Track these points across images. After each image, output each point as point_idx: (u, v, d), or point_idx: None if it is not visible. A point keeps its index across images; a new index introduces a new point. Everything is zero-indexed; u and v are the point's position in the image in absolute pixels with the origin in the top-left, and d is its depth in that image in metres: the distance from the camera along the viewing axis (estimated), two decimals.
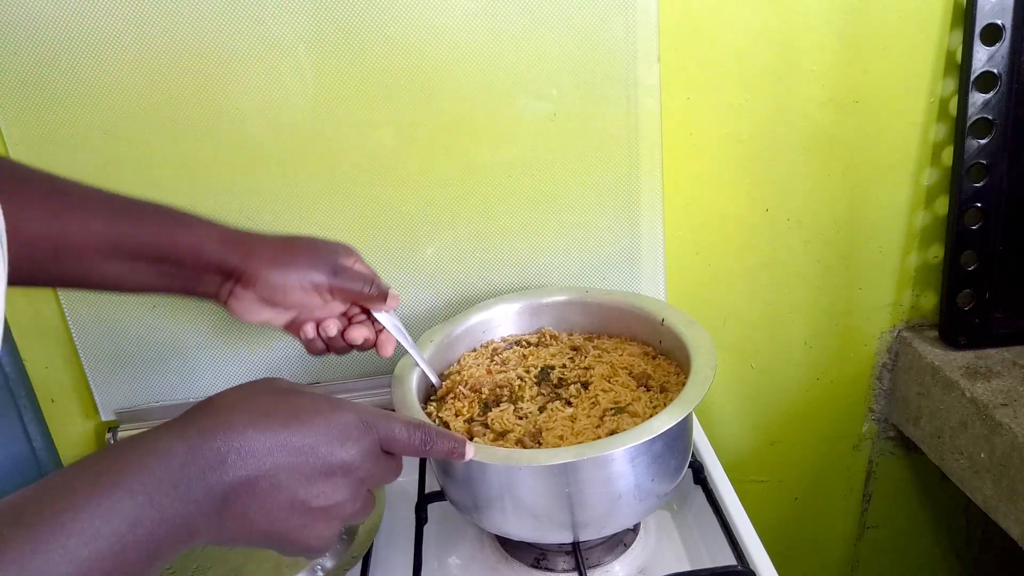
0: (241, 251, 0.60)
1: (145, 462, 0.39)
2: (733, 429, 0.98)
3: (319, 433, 0.44)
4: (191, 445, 0.40)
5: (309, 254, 0.62)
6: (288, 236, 0.63)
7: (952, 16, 0.79)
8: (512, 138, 0.78)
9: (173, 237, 0.59)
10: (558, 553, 0.66)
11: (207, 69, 0.72)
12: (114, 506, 0.37)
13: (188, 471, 0.40)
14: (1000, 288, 0.86)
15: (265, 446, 0.42)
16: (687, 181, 0.83)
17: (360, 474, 0.46)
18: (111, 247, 0.57)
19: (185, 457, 0.40)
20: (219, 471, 0.41)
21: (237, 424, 0.42)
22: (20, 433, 0.84)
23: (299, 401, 0.45)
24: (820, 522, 1.07)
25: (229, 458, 0.41)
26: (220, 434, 0.41)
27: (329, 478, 0.44)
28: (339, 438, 0.45)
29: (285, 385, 0.48)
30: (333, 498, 0.45)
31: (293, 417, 0.44)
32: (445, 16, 0.73)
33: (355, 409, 0.47)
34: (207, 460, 0.40)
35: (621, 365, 0.70)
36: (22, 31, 0.70)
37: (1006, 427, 0.75)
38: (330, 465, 0.44)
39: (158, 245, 0.59)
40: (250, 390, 0.46)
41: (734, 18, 0.77)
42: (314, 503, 0.44)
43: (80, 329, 0.81)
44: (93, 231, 0.57)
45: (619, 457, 0.56)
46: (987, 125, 0.80)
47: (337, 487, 0.45)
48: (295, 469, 0.43)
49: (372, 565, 0.67)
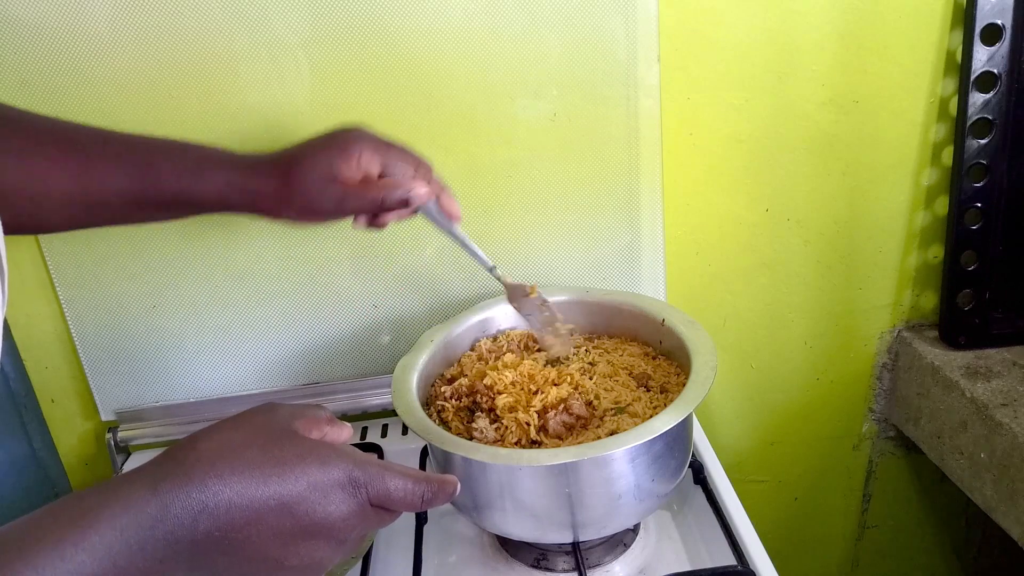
0: (266, 187, 0.59)
1: (112, 519, 0.37)
2: (733, 429, 0.98)
3: (298, 491, 0.41)
4: (163, 502, 0.39)
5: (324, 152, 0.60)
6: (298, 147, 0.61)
7: (952, 16, 0.79)
8: (512, 138, 0.78)
9: (196, 186, 0.59)
10: (558, 553, 0.66)
11: (207, 68, 0.72)
12: (73, 569, 0.36)
13: (157, 530, 0.38)
14: (1000, 288, 0.86)
15: (239, 504, 0.40)
16: (687, 181, 0.83)
17: (340, 536, 0.43)
18: (138, 202, 0.59)
19: (155, 515, 0.38)
20: (189, 529, 0.39)
21: (212, 480, 0.40)
22: (20, 433, 0.84)
23: (285, 453, 0.42)
24: (820, 522, 1.07)
25: (200, 517, 0.39)
26: (194, 490, 0.39)
27: (307, 539, 0.42)
28: (321, 499, 0.42)
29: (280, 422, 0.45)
30: (309, 558, 0.42)
31: (276, 473, 0.41)
32: (445, 16, 0.73)
33: (344, 464, 0.43)
34: (178, 519, 0.39)
35: (621, 365, 0.70)
36: (23, 31, 0.70)
37: (1006, 427, 0.75)
38: (307, 527, 0.42)
39: (179, 195, 0.59)
40: (237, 431, 0.43)
41: (734, 18, 0.77)
42: (288, 562, 0.42)
43: (80, 329, 0.81)
44: (117, 190, 0.58)
45: (619, 457, 0.56)
46: (987, 125, 0.80)
47: (315, 548, 0.42)
48: (269, 528, 0.41)
49: (372, 565, 0.67)
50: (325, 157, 0.59)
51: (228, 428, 0.43)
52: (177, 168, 0.59)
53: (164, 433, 0.85)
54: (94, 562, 0.36)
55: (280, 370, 0.85)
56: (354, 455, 0.44)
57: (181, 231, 0.78)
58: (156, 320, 0.81)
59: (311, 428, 0.46)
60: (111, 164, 0.59)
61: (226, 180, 0.59)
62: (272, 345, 0.83)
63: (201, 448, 0.41)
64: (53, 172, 0.57)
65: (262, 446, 0.42)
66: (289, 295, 0.81)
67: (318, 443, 0.44)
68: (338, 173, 0.59)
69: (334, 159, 0.59)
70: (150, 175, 0.59)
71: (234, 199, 0.60)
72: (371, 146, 0.60)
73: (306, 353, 0.84)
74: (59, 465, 0.89)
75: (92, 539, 0.36)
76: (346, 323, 0.83)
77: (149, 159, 0.59)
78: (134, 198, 0.59)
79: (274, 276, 0.80)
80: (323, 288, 0.81)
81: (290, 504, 0.41)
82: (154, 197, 0.59)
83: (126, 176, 0.58)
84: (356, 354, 0.85)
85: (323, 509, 0.42)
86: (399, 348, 0.83)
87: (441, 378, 0.71)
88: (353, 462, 0.44)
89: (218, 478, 0.40)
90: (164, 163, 0.59)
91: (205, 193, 0.59)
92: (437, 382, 0.71)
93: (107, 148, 0.59)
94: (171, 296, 0.80)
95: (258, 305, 0.81)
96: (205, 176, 0.59)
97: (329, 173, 0.59)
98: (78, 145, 0.58)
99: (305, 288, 0.81)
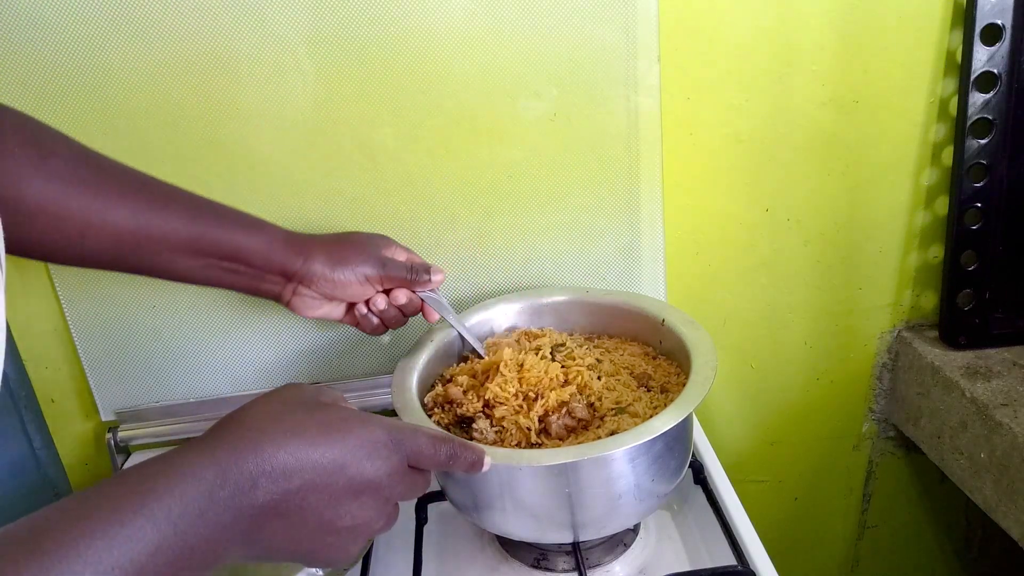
0: (303, 254, 0.66)
1: (172, 487, 0.38)
2: (733, 429, 0.98)
3: (347, 452, 0.43)
4: (222, 468, 0.39)
5: (358, 250, 0.68)
6: (338, 235, 0.71)
7: (952, 16, 0.79)
8: (512, 138, 0.78)
9: (244, 239, 0.64)
10: (558, 553, 0.66)
11: (208, 68, 0.72)
12: (134, 534, 0.36)
13: (216, 496, 0.39)
14: (1000, 288, 0.86)
15: (294, 467, 0.41)
16: (687, 181, 0.83)
17: (387, 493, 0.46)
18: (188, 245, 0.62)
19: (214, 481, 0.39)
20: (249, 495, 0.40)
21: (267, 444, 0.41)
22: (20, 433, 0.84)
23: (328, 416, 0.44)
24: (820, 522, 1.07)
25: (260, 481, 0.40)
26: (250, 455, 0.40)
27: (356, 498, 0.44)
28: (368, 456, 0.44)
29: (310, 394, 0.47)
30: (360, 518, 0.44)
31: (322, 435, 0.43)
32: (446, 16, 0.73)
33: (384, 425, 0.46)
34: (237, 484, 0.40)
35: (622, 365, 0.70)
36: (23, 32, 0.70)
37: (1006, 427, 0.75)
38: (358, 485, 0.44)
39: (230, 244, 0.63)
40: (278, 403, 0.45)
41: (734, 18, 0.77)
42: (340, 523, 0.44)
43: (80, 329, 0.81)
44: (173, 229, 0.61)
45: (619, 457, 0.56)
46: (987, 125, 0.80)
47: (364, 506, 0.44)
48: (323, 490, 0.42)
49: (372, 565, 0.67)
50: (368, 258, 0.67)
51: (267, 402, 0.45)
52: (232, 217, 0.65)
53: (164, 433, 0.85)
54: (154, 528, 0.36)
55: (280, 370, 0.85)
56: (386, 419, 0.47)
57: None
58: (156, 320, 0.81)
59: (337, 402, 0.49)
60: (172, 204, 0.62)
61: (272, 234, 0.65)
62: (272, 345, 0.83)
63: (249, 420, 0.43)
64: (113, 207, 0.59)
65: (305, 413, 0.44)
66: None
67: (353, 409, 0.47)
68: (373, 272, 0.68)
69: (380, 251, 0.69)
70: (210, 222, 0.63)
71: (276, 252, 0.65)
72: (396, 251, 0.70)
73: (306, 353, 0.84)
74: (59, 465, 0.89)
75: (151, 506, 0.37)
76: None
77: (205, 208, 0.64)
78: (189, 242, 0.62)
79: None
80: None
81: (341, 463, 0.43)
82: (208, 245, 0.62)
83: (187, 219, 0.62)
84: (356, 354, 0.85)
85: (371, 466, 0.44)
86: (399, 348, 0.83)
87: (440, 378, 0.71)
88: (389, 422, 0.47)
89: (272, 443, 0.41)
90: (220, 211, 0.64)
91: (252, 246, 0.64)
92: (437, 382, 0.71)
93: (168, 191, 0.63)
94: (171, 296, 0.80)
95: (258, 305, 0.81)
96: (256, 224, 0.65)
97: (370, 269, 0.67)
98: (141, 184, 0.61)
99: None
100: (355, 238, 0.70)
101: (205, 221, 0.63)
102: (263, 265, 0.65)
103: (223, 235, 0.63)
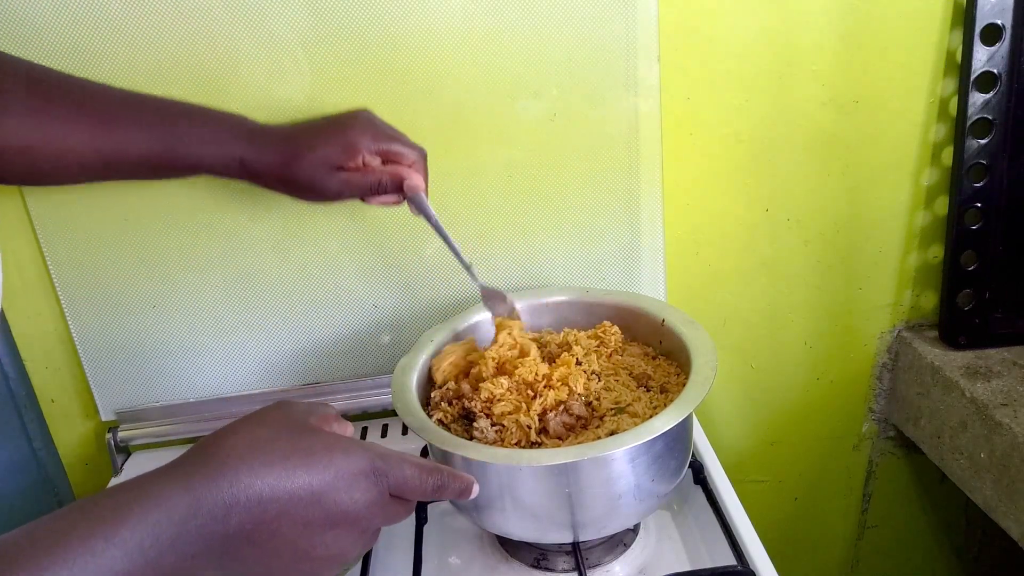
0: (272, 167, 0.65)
1: (146, 515, 0.38)
2: (733, 429, 0.98)
3: (326, 483, 0.43)
4: (195, 497, 0.39)
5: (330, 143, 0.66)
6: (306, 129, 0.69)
7: (952, 16, 0.79)
8: (512, 138, 0.78)
9: (211, 156, 0.64)
10: (558, 553, 0.66)
11: (207, 68, 0.72)
12: (105, 564, 0.36)
13: (188, 525, 0.39)
14: (1000, 288, 0.86)
15: (270, 496, 0.41)
16: (687, 181, 0.83)
17: (364, 524, 0.45)
18: (154, 163, 0.63)
19: (187, 512, 0.39)
20: (222, 523, 0.40)
21: (244, 474, 0.41)
22: (20, 433, 0.84)
23: (311, 444, 0.44)
24: (820, 522, 1.07)
25: (233, 510, 0.40)
26: (225, 484, 0.40)
27: (332, 528, 0.43)
28: (346, 488, 0.43)
29: (298, 416, 0.46)
30: (334, 548, 0.44)
31: (302, 465, 0.42)
32: (445, 16, 0.73)
33: (367, 453, 0.45)
34: (211, 513, 0.39)
35: (621, 365, 0.69)
36: (22, 32, 0.70)
37: (1006, 427, 0.75)
38: (334, 516, 0.43)
39: (197, 162, 0.65)
40: (263, 427, 0.44)
41: (734, 18, 0.77)
42: (314, 552, 0.43)
43: (80, 329, 0.81)
44: (136, 150, 0.63)
45: (619, 457, 0.56)
46: (987, 125, 0.80)
47: (339, 537, 0.44)
48: (298, 520, 0.42)
49: (372, 565, 0.67)
50: (331, 148, 0.65)
51: (251, 424, 0.44)
52: (196, 136, 0.64)
53: (164, 433, 0.85)
54: (126, 557, 0.36)
55: (280, 370, 0.85)
56: (373, 446, 0.46)
57: (182, 231, 0.78)
58: (156, 320, 0.81)
59: (325, 423, 0.48)
60: (131, 127, 0.62)
61: (240, 154, 0.65)
62: (272, 345, 0.83)
63: (229, 444, 0.42)
64: (71, 134, 0.60)
65: (288, 439, 0.43)
66: (289, 295, 0.81)
67: (338, 435, 0.46)
68: (342, 165, 0.65)
69: (339, 152, 0.65)
70: (169, 140, 0.63)
71: (242, 172, 0.65)
72: (372, 137, 0.66)
73: (306, 353, 0.84)
74: (59, 465, 0.89)
75: (123, 534, 0.37)
76: (346, 323, 0.83)
77: (170, 123, 0.64)
78: (152, 161, 0.63)
79: (274, 276, 0.80)
80: (323, 288, 0.81)
81: (318, 494, 0.42)
82: (170, 162, 0.64)
83: (145, 141, 0.63)
84: (356, 354, 0.85)
85: (349, 497, 0.43)
86: (399, 348, 0.83)
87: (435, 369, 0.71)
88: (374, 452, 0.45)
89: (249, 471, 0.41)
90: (185, 129, 0.64)
91: (217, 162, 0.65)
92: None
93: (126, 110, 0.63)
94: (171, 296, 0.80)
95: (258, 305, 0.81)
96: (222, 147, 0.65)
97: (333, 163, 0.65)
98: (96, 106, 0.62)
99: (305, 288, 0.81)
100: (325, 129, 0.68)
101: (169, 139, 0.63)
102: (228, 176, 0.66)
103: (188, 153, 0.64)
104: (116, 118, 0.62)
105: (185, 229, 0.78)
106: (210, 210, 0.77)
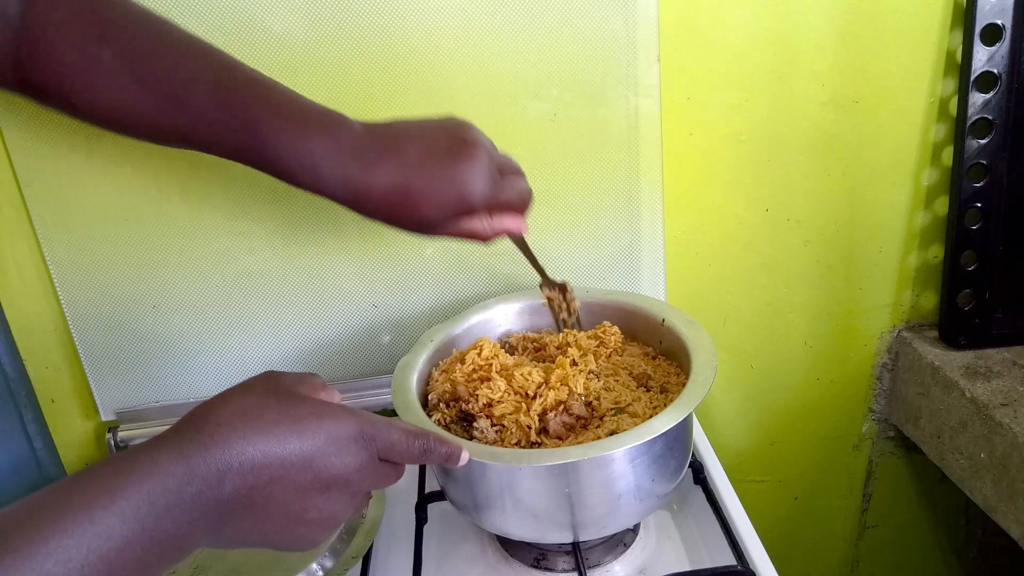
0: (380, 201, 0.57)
1: (141, 484, 0.38)
2: (733, 429, 0.98)
3: (316, 447, 0.44)
4: (189, 465, 0.40)
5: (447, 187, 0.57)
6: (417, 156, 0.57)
7: (952, 16, 0.79)
8: (512, 138, 0.78)
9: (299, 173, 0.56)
10: (558, 553, 0.66)
11: None
12: (103, 532, 0.36)
13: (184, 492, 0.39)
14: (1000, 288, 0.86)
15: (262, 463, 0.42)
16: (687, 181, 0.83)
17: (355, 487, 0.46)
18: (231, 155, 0.56)
19: (183, 478, 0.40)
20: (216, 490, 0.41)
21: (236, 441, 0.42)
22: (20, 433, 0.84)
23: (300, 410, 0.45)
24: (820, 522, 1.07)
25: (227, 477, 0.41)
26: (218, 451, 0.41)
27: (323, 492, 0.44)
28: (336, 452, 0.44)
29: (286, 385, 0.47)
30: (327, 510, 0.45)
31: (292, 430, 0.43)
32: (445, 16, 0.73)
33: (355, 419, 0.46)
34: (205, 480, 0.40)
35: (621, 365, 0.69)
36: None
37: (1006, 427, 0.75)
38: (325, 479, 0.44)
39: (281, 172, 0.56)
40: (251, 396, 0.45)
41: (734, 18, 0.77)
42: (307, 515, 0.44)
43: (80, 329, 0.81)
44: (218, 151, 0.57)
45: (619, 457, 0.56)
46: (987, 125, 0.81)
47: (331, 500, 0.45)
48: (290, 484, 0.43)
49: (372, 565, 0.67)
50: (446, 197, 0.57)
51: (241, 393, 0.45)
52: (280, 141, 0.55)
53: None
54: (123, 525, 0.37)
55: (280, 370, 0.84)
56: (361, 412, 0.47)
57: (181, 231, 0.78)
58: (156, 320, 0.81)
59: (313, 391, 0.49)
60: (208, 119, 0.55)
61: (343, 176, 0.55)
62: (272, 345, 0.83)
63: (220, 412, 0.43)
64: (146, 112, 0.55)
65: (277, 406, 0.44)
66: (289, 295, 0.81)
67: (327, 402, 0.47)
68: (454, 214, 0.58)
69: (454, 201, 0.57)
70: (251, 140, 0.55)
71: (339, 195, 0.56)
72: (486, 181, 0.58)
73: (306, 353, 0.84)
74: (59, 465, 0.89)
75: (120, 503, 0.37)
76: (346, 323, 0.83)
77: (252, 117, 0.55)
78: (235, 158, 0.56)
79: (274, 276, 0.80)
80: (323, 288, 0.81)
81: (310, 459, 0.43)
82: (247, 160, 0.56)
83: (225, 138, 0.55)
84: (356, 354, 0.85)
85: (340, 461, 0.45)
86: (399, 348, 0.83)
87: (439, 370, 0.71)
88: (363, 417, 0.47)
89: (241, 438, 0.42)
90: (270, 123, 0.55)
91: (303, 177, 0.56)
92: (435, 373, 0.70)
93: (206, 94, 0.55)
94: (171, 296, 0.80)
95: (258, 305, 0.81)
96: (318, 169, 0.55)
97: (447, 213, 0.58)
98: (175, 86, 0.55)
99: (305, 288, 0.81)
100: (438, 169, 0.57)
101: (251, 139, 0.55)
102: (312, 187, 0.56)
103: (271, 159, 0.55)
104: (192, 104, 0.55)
105: (185, 229, 0.78)
106: (210, 210, 0.77)
